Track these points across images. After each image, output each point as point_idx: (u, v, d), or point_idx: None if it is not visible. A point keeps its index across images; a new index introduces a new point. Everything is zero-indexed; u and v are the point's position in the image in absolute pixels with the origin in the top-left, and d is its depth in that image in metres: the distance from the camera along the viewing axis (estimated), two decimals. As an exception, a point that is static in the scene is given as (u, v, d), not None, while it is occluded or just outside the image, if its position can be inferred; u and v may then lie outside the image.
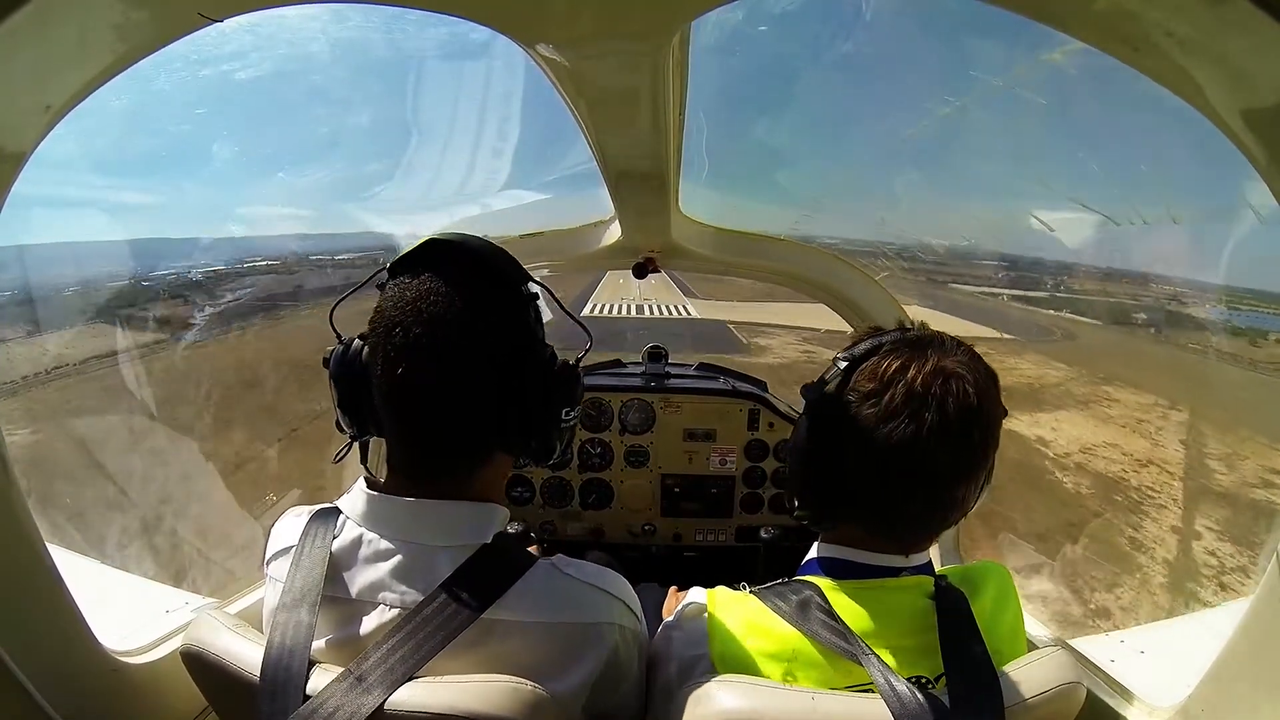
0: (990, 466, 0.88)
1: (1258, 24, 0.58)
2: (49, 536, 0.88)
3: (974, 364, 0.85)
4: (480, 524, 0.84)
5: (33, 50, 0.67)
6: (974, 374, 0.83)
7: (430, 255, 0.81)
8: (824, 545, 0.98)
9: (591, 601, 0.84)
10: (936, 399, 0.80)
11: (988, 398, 0.83)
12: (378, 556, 0.81)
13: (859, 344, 0.91)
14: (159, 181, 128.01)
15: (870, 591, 0.88)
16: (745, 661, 0.88)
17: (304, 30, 1.42)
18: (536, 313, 0.87)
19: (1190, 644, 1.20)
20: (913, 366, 0.83)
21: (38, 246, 11.40)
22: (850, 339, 0.95)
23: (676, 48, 0.90)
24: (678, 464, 2.34)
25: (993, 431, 0.85)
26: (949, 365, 0.82)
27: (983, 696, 0.77)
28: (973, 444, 0.83)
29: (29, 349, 9.89)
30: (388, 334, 0.77)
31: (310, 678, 0.74)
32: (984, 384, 0.83)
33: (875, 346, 0.89)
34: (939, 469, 0.83)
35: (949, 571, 0.93)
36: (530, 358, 0.83)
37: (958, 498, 0.86)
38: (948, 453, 0.81)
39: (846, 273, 1.85)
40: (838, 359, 0.92)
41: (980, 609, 0.87)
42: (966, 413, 0.80)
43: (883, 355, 0.87)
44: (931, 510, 0.87)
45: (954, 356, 0.85)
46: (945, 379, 0.81)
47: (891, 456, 0.82)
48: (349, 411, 0.88)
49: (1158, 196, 11.04)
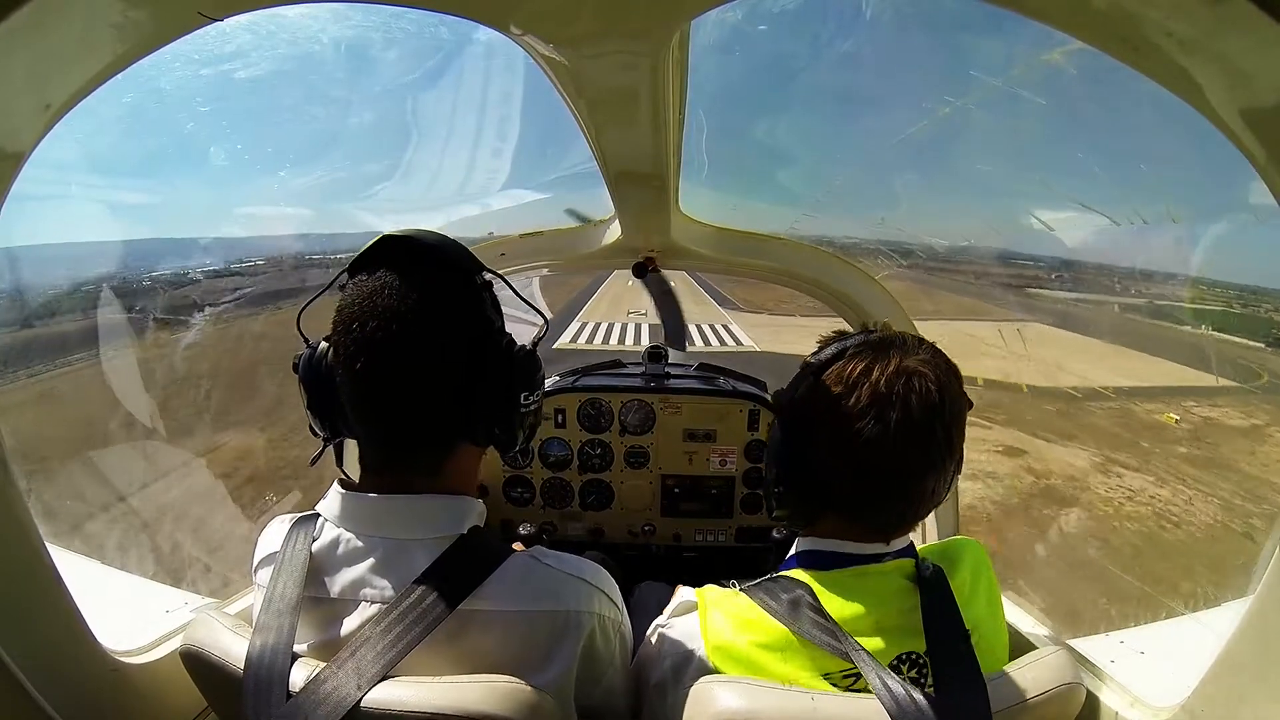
0: (959, 458, 0.92)
1: (1257, 24, 0.58)
2: (48, 537, 0.88)
3: (935, 360, 0.89)
4: (454, 517, 0.85)
5: (33, 50, 0.67)
6: (935, 371, 0.87)
7: (385, 252, 0.82)
8: (806, 540, 1.00)
9: (570, 590, 0.85)
10: (900, 397, 0.84)
11: (950, 392, 0.87)
12: (355, 555, 0.82)
13: (825, 348, 0.96)
14: (159, 181, 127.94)
15: (856, 579, 0.91)
16: (740, 653, 0.89)
17: (304, 30, 1.42)
18: (493, 300, 0.87)
19: (1190, 644, 1.20)
20: (876, 368, 0.87)
21: (48, 246, 11.41)
22: (818, 343, 0.99)
23: (676, 47, 0.90)
24: (678, 464, 2.34)
25: (957, 424, 0.89)
26: (911, 364, 0.87)
27: (964, 669, 0.81)
28: (938, 438, 0.86)
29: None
30: (346, 330, 0.79)
31: (294, 676, 0.75)
32: (945, 379, 0.87)
33: (840, 351, 0.93)
34: (908, 464, 0.87)
35: (927, 550, 0.97)
36: (487, 345, 0.84)
37: (929, 489, 0.89)
38: (915, 448, 0.86)
39: (846, 272, 1.85)
40: (806, 364, 0.97)
41: (959, 584, 0.91)
42: (929, 409, 0.85)
43: (848, 359, 0.91)
44: (905, 503, 0.91)
45: (916, 355, 0.89)
46: (908, 378, 0.85)
47: (861, 455, 0.87)
48: (319, 413, 0.89)
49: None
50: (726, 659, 0.90)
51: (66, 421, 8.29)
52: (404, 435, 0.84)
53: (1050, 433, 12.62)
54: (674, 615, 1.02)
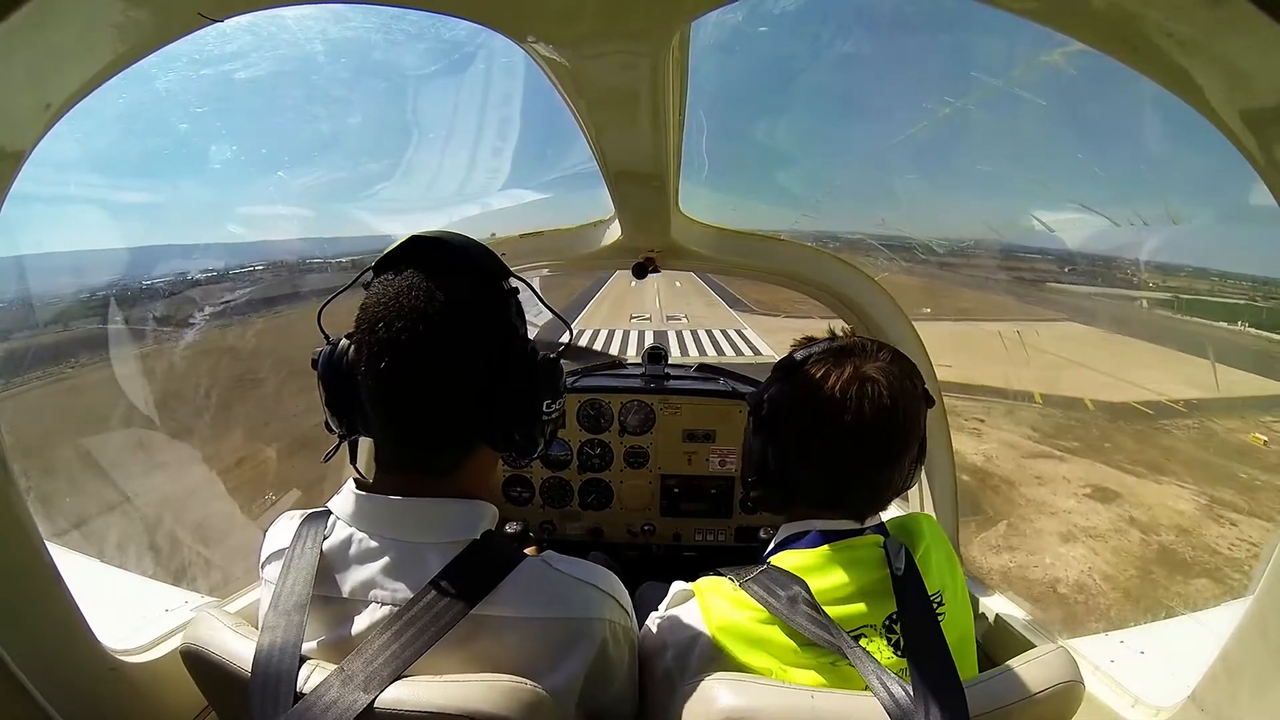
0: (917, 451, 1.01)
1: (1258, 24, 0.58)
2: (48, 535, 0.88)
3: (891, 367, 0.97)
4: (468, 521, 0.85)
5: (33, 50, 0.67)
6: (889, 377, 0.95)
7: (412, 252, 0.82)
8: (788, 525, 1.06)
9: (582, 597, 0.85)
10: (854, 402, 0.93)
11: (905, 397, 0.95)
12: (367, 555, 0.82)
13: (794, 353, 1.05)
14: (158, 181, 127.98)
15: (839, 552, 0.96)
16: (743, 628, 0.92)
17: (304, 30, 1.41)
18: (518, 307, 0.88)
19: (1190, 644, 1.20)
20: (832, 375, 0.96)
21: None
22: (791, 347, 1.09)
23: (676, 48, 0.90)
24: (677, 465, 2.34)
25: (910, 425, 0.97)
26: (866, 371, 0.95)
27: (930, 639, 0.86)
28: (890, 438, 0.95)
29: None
30: (371, 329, 0.79)
31: (302, 677, 0.74)
32: (899, 384, 0.95)
33: (806, 357, 1.01)
34: (861, 461, 0.96)
35: (889, 525, 1.03)
36: (511, 350, 0.84)
37: (885, 481, 0.99)
38: (866, 447, 0.95)
39: (846, 272, 1.85)
40: (776, 365, 1.07)
41: (922, 554, 0.98)
42: (880, 413, 0.93)
43: (810, 364, 1.00)
44: (864, 493, 1.00)
45: (873, 362, 0.97)
46: (861, 384, 0.94)
47: (819, 452, 0.97)
48: (337, 411, 0.88)
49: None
50: (731, 637, 0.92)
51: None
52: (424, 436, 0.83)
53: (1138, 464, 10.82)
54: (672, 605, 1.04)
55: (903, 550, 0.94)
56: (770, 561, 1.00)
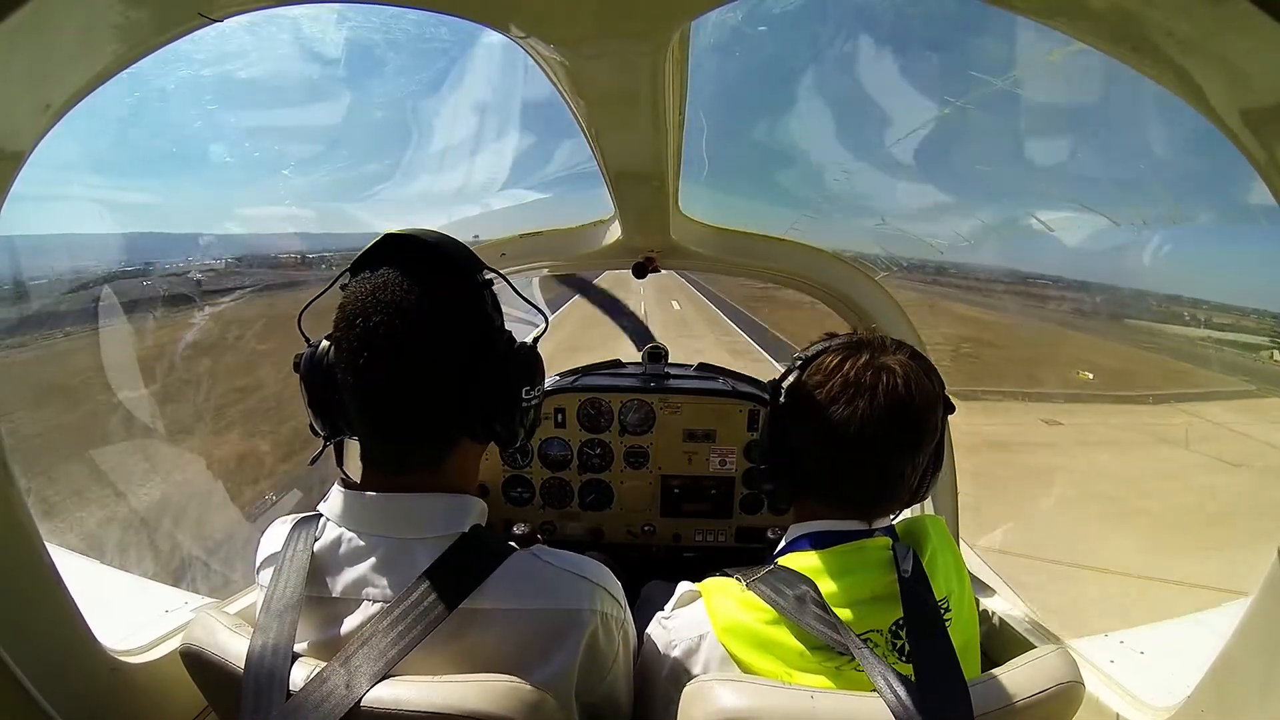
0: (934, 453, 1.02)
1: (1258, 24, 0.58)
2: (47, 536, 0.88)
3: (909, 362, 0.98)
4: (455, 515, 0.85)
5: (32, 50, 0.67)
6: (905, 369, 0.96)
7: (387, 250, 0.83)
8: (797, 526, 1.06)
9: (572, 588, 0.85)
10: (868, 386, 0.94)
11: (920, 390, 0.96)
12: (356, 554, 0.82)
13: (813, 346, 1.07)
14: (159, 181, 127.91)
15: (848, 554, 0.96)
16: (749, 629, 0.92)
17: (304, 31, 1.42)
18: (493, 298, 0.88)
19: (1190, 644, 1.20)
20: (849, 361, 0.98)
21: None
22: (809, 342, 1.10)
23: (676, 48, 0.90)
24: (677, 464, 2.34)
25: (925, 418, 0.97)
26: (882, 361, 0.97)
27: (937, 645, 0.86)
28: (904, 425, 0.95)
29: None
30: (349, 325, 0.80)
31: (294, 676, 0.75)
32: (915, 377, 0.96)
33: (824, 348, 1.03)
34: (873, 444, 0.96)
35: (897, 528, 1.03)
36: (488, 340, 0.85)
37: (896, 471, 0.98)
38: (879, 430, 0.94)
39: (846, 272, 1.85)
40: (795, 356, 1.08)
41: (929, 558, 0.98)
42: (894, 399, 0.94)
43: (828, 354, 1.02)
44: (875, 481, 1.00)
45: (891, 355, 0.99)
46: (876, 371, 0.96)
47: (833, 433, 0.97)
48: (320, 412, 0.89)
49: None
50: (737, 639, 0.92)
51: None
52: (405, 429, 0.84)
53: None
54: (678, 606, 1.04)
55: (910, 554, 0.93)
56: (778, 562, 1.00)
